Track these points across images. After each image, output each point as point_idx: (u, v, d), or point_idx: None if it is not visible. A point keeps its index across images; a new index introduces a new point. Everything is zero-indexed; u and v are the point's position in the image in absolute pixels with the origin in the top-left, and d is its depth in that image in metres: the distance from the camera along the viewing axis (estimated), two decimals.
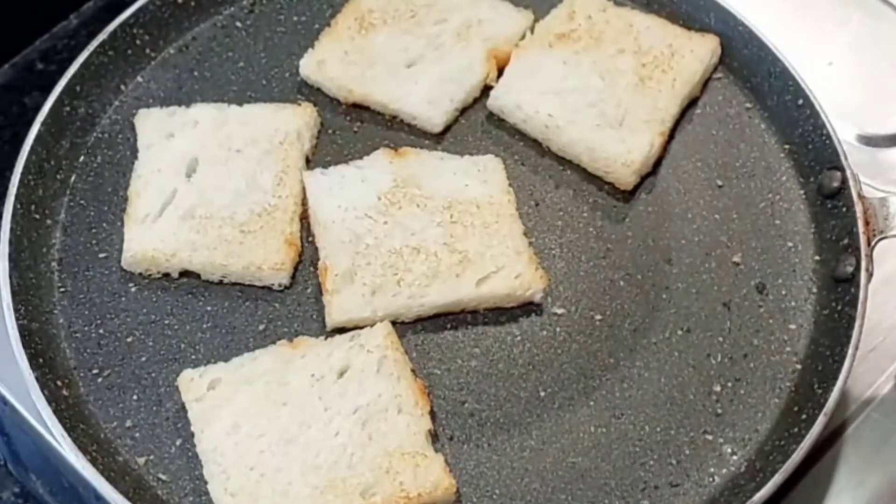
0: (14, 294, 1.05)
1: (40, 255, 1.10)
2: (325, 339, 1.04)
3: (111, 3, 1.35)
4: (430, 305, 1.06)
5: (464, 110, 1.19)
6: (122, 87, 1.20)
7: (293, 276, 1.09)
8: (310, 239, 1.11)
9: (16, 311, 1.05)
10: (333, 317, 1.05)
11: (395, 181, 1.11)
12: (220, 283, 1.09)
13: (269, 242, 1.09)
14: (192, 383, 1.01)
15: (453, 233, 1.09)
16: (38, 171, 1.12)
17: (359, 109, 1.19)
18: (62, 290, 1.09)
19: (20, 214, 1.09)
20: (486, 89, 1.19)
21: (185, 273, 1.09)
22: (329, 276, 1.06)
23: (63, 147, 1.15)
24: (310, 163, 1.15)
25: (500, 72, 1.20)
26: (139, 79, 1.21)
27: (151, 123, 1.15)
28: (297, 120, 1.15)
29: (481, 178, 1.12)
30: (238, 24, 1.25)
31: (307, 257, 1.11)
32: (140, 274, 1.09)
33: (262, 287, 1.09)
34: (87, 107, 1.17)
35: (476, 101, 1.20)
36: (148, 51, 1.21)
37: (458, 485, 0.99)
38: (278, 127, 1.15)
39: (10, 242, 1.07)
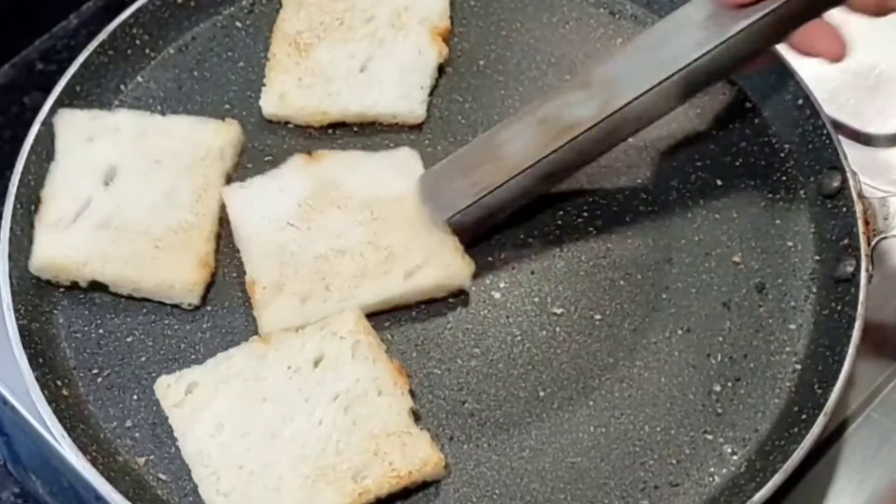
0: (14, 294, 1.05)
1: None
2: (297, 330, 1.04)
3: (111, 3, 1.35)
4: (362, 306, 1.05)
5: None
6: (122, 87, 1.20)
7: (204, 297, 1.08)
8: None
9: (16, 311, 1.05)
10: (265, 330, 1.04)
11: (313, 186, 1.10)
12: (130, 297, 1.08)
13: (182, 261, 1.07)
14: (170, 389, 1.01)
15: (377, 230, 1.08)
16: (38, 171, 1.12)
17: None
18: (62, 290, 1.09)
19: (20, 214, 1.09)
20: (440, 68, 1.21)
21: (94, 284, 1.07)
22: (257, 289, 1.05)
23: None
24: (231, 181, 1.13)
25: (448, 45, 1.21)
26: (139, 79, 1.21)
27: (72, 125, 1.13)
28: (221, 137, 1.13)
29: (399, 172, 1.12)
30: (238, 24, 1.25)
31: None
32: (48, 280, 1.08)
33: None
34: (87, 107, 1.17)
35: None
36: (148, 51, 1.21)
37: (458, 485, 1.00)
38: (200, 142, 1.13)
39: (10, 242, 1.07)
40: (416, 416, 1.01)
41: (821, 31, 1.06)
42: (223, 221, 1.11)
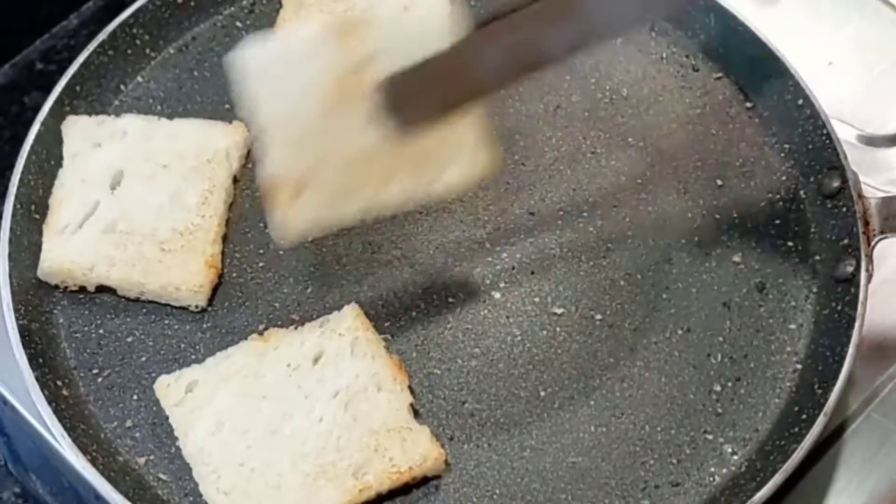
0: (14, 294, 1.05)
1: (40, 256, 1.10)
2: (295, 328, 1.04)
3: (111, 3, 1.35)
4: (388, 205, 1.01)
5: None
6: (122, 87, 1.20)
7: (211, 299, 1.08)
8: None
9: (16, 311, 1.05)
10: (284, 233, 0.99)
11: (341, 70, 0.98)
12: (137, 299, 1.08)
13: (188, 263, 1.07)
14: (170, 388, 1.01)
15: None
16: (38, 171, 1.12)
17: None
18: (62, 290, 1.09)
19: (20, 214, 1.09)
20: None
21: (101, 288, 1.07)
22: (280, 187, 0.98)
23: None
24: (237, 182, 1.13)
25: None
26: (139, 79, 1.21)
27: (79, 131, 1.13)
28: (227, 139, 1.13)
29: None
30: (238, 24, 1.25)
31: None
32: (56, 286, 1.08)
33: None
34: (87, 107, 1.17)
35: None
36: (148, 51, 1.21)
37: (458, 484, 1.00)
38: (207, 144, 1.13)
39: (10, 242, 1.07)
40: (416, 413, 1.02)
41: None
42: (229, 223, 1.11)
